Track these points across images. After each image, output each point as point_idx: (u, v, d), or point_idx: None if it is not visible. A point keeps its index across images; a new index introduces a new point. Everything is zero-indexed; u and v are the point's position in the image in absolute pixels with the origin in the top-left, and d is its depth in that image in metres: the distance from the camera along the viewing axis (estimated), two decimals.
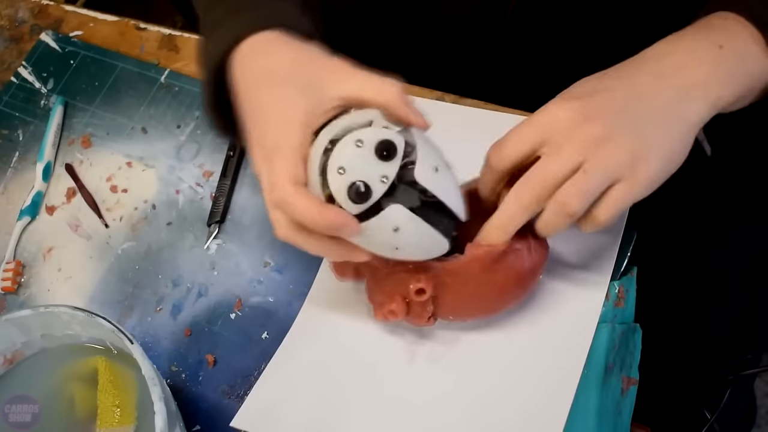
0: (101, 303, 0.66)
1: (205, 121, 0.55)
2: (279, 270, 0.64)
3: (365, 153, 0.45)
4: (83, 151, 0.74)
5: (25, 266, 0.70)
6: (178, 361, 0.62)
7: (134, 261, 0.67)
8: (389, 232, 0.46)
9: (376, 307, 0.54)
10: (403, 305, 0.52)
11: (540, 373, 0.52)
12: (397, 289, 0.52)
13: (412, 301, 0.51)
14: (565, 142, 0.46)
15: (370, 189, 0.45)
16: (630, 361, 0.56)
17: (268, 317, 0.62)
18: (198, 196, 0.69)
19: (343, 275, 0.56)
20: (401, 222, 0.46)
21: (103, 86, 0.77)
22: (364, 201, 0.45)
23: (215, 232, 0.67)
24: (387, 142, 0.45)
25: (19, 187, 0.74)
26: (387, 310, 0.52)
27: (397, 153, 0.45)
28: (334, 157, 0.45)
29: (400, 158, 0.46)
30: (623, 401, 0.55)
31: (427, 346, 0.55)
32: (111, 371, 0.55)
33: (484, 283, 0.50)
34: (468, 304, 0.52)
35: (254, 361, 0.60)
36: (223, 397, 0.59)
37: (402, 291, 0.51)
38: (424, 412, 0.53)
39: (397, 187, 0.46)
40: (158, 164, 0.72)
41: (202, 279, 0.65)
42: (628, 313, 0.56)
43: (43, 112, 0.77)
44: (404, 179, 0.46)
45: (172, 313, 0.64)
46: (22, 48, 0.82)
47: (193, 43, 0.77)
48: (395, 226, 0.46)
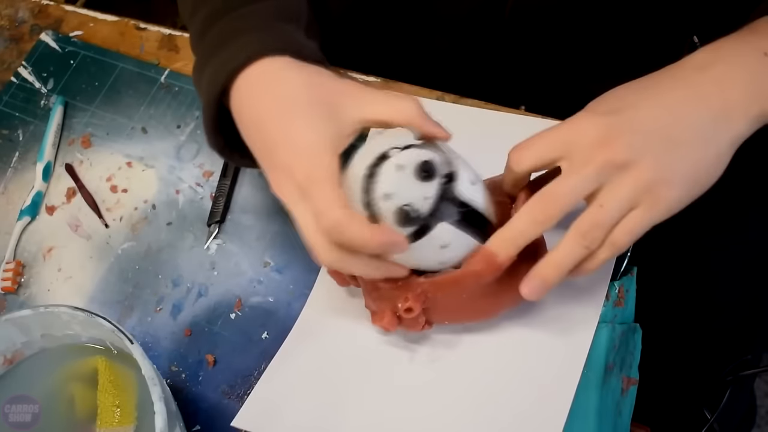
0: (101, 303, 0.66)
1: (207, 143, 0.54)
2: (279, 270, 0.64)
3: (407, 176, 0.47)
4: (83, 151, 0.74)
5: (25, 266, 0.70)
6: (178, 361, 0.62)
7: (134, 261, 0.68)
8: (437, 249, 0.48)
9: (371, 315, 0.54)
10: (395, 319, 0.52)
11: (540, 373, 0.52)
12: (387, 305, 0.52)
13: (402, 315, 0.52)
14: (585, 162, 0.45)
15: (418, 212, 0.47)
16: (630, 361, 0.56)
17: (268, 317, 0.62)
18: (198, 196, 0.69)
19: (344, 283, 0.57)
20: (448, 238, 0.48)
21: (103, 86, 0.77)
22: (413, 224, 0.47)
23: (215, 232, 0.67)
24: (426, 164, 0.47)
25: (19, 187, 0.74)
26: (378, 324, 0.52)
27: (436, 173, 0.47)
28: (377, 183, 0.47)
29: (440, 177, 0.47)
30: (623, 401, 0.55)
31: (427, 347, 0.55)
32: (111, 371, 0.55)
33: (478, 294, 0.50)
34: (462, 312, 0.53)
35: (254, 361, 0.60)
36: (223, 397, 0.59)
37: (392, 306, 0.52)
38: (424, 412, 0.53)
39: (440, 204, 0.48)
40: (158, 164, 0.72)
41: (202, 279, 0.65)
42: (628, 313, 0.56)
43: (43, 112, 0.77)
44: (446, 196, 0.48)
45: (172, 313, 0.64)
46: (22, 48, 0.82)
47: None
48: (443, 243, 0.48)
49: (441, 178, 0.48)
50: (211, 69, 0.52)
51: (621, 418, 0.54)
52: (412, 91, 0.67)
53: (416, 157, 0.47)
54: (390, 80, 0.69)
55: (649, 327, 0.57)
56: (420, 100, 0.49)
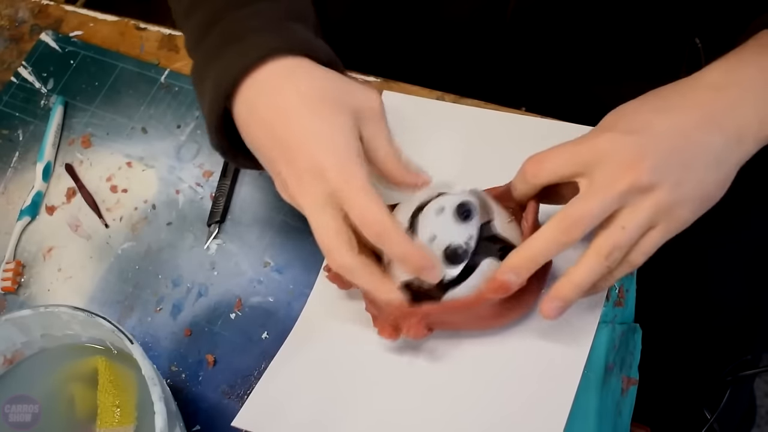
0: (101, 303, 0.66)
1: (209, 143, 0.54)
2: (279, 270, 0.64)
3: (447, 218, 0.49)
4: (83, 151, 0.74)
5: (25, 266, 0.70)
6: (178, 361, 0.62)
7: (134, 261, 0.68)
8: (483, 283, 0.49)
9: (372, 318, 0.54)
10: (396, 333, 0.52)
11: (540, 374, 0.52)
12: (388, 320, 0.52)
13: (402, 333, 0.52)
14: (609, 185, 0.45)
15: (465, 251, 0.49)
16: (630, 361, 0.56)
17: (268, 317, 0.62)
18: (198, 196, 0.69)
19: (345, 287, 0.57)
20: (491, 272, 0.49)
21: (103, 86, 0.77)
22: (461, 262, 0.49)
23: (215, 232, 0.67)
24: (465, 204, 0.49)
25: (19, 187, 0.74)
26: (381, 334, 0.52)
27: (475, 213, 0.49)
28: (421, 229, 0.49)
29: (478, 218, 0.50)
30: (623, 401, 0.55)
31: (428, 347, 0.55)
32: (111, 371, 0.55)
33: (484, 313, 0.51)
34: (465, 326, 0.53)
35: (254, 361, 0.60)
36: (223, 397, 0.59)
37: (393, 323, 0.52)
38: (425, 412, 0.53)
39: (480, 243, 0.50)
40: (158, 164, 0.72)
41: (202, 279, 0.65)
42: (628, 313, 0.56)
43: (43, 112, 0.77)
44: (485, 234, 0.50)
45: (172, 313, 0.64)
46: (22, 48, 0.82)
47: None
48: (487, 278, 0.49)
49: (478, 218, 0.50)
50: (218, 68, 0.51)
51: (621, 418, 0.54)
52: (413, 90, 0.67)
53: (453, 200, 0.49)
54: (390, 80, 0.69)
55: (649, 327, 0.57)
56: None
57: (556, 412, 0.49)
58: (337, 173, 0.46)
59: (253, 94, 0.49)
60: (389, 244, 0.46)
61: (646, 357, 0.56)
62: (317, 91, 0.48)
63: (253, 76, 0.49)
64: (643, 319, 0.56)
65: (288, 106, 0.48)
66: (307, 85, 0.49)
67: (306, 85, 0.49)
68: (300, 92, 0.48)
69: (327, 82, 0.49)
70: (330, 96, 0.48)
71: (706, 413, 0.67)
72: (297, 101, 0.48)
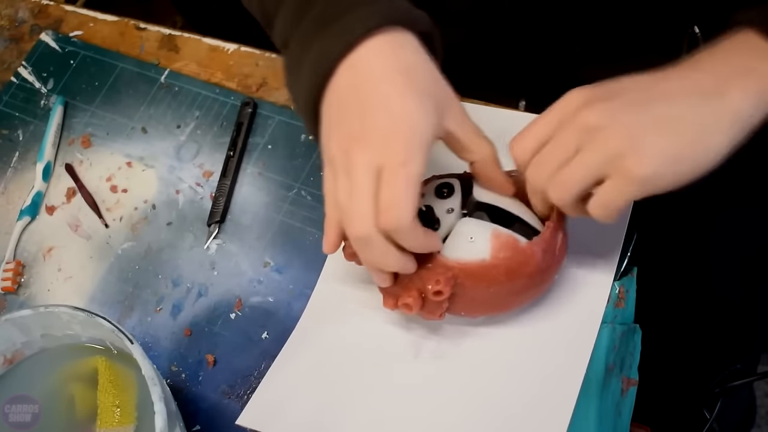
0: (101, 303, 0.66)
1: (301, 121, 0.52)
2: (279, 270, 0.64)
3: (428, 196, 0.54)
4: (83, 151, 0.74)
5: (25, 266, 0.70)
6: (178, 361, 0.62)
7: (134, 261, 0.68)
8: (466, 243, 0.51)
9: (388, 296, 0.53)
10: (419, 300, 0.51)
11: (544, 372, 0.52)
12: (414, 284, 0.51)
13: (428, 297, 0.51)
14: (564, 128, 0.46)
15: (434, 216, 0.52)
16: (630, 362, 0.56)
17: (268, 317, 0.62)
18: (198, 196, 0.69)
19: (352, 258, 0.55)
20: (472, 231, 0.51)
21: (103, 86, 0.77)
22: (431, 225, 0.52)
23: (215, 232, 0.67)
24: (443, 184, 0.54)
25: (19, 187, 0.74)
26: (402, 302, 0.51)
27: (455, 191, 0.53)
28: None
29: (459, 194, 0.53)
30: (623, 402, 0.55)
31: (432, 343, 0.55)
32: (111, 371, 0.55)
33: (504, 285, 0.50)
34: (484, 303, 0.52)
35: (254, 361, 0.60)
36: (223, 397, 0.59)
37: (419, 286, 0.51)
38: (429, 409, 0.53)
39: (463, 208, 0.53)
40: (158, 164, 0.72)
41: (202, 279, 0.65)
42: (628, 314, 0.56)
43: (43, 112, 0.77)
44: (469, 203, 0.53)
45: (172, 313, 0.64)
46: (22, 48, 0.82)
47: (192, 42, 0.77)
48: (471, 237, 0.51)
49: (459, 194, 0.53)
50: (323, 41, 0.49)
51: (621, 418, 0.54)
52: None
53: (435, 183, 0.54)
54: None
55: (648, 327, 0.57)
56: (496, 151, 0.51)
57: (558, 415, 0.49)
58: (399, 150, 0.45)
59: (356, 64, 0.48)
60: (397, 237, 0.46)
61: (646, 357, 0.57)
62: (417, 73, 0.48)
63: (360, 48, 0.48)
64: (643, 320, 0.57)
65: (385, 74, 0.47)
66: (408, 64, 0.48)
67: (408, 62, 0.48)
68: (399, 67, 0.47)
69: (425, 66, 0.49)
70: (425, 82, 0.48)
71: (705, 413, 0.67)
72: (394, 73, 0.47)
